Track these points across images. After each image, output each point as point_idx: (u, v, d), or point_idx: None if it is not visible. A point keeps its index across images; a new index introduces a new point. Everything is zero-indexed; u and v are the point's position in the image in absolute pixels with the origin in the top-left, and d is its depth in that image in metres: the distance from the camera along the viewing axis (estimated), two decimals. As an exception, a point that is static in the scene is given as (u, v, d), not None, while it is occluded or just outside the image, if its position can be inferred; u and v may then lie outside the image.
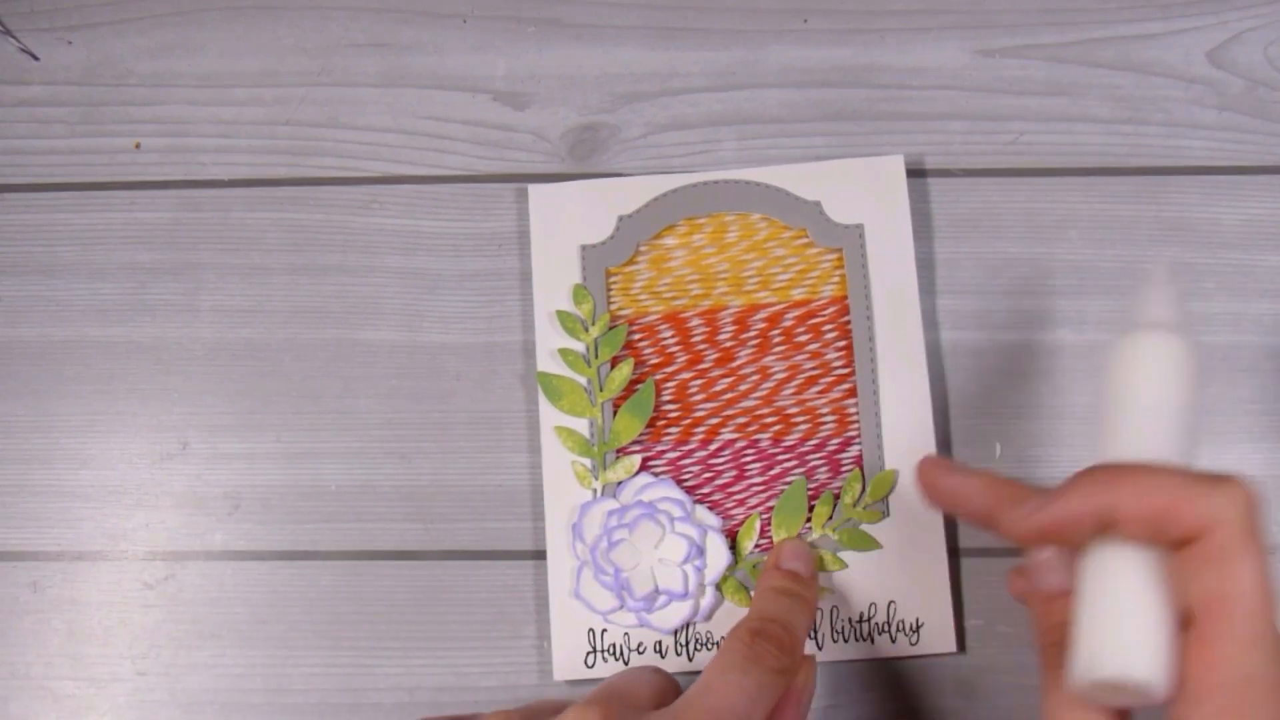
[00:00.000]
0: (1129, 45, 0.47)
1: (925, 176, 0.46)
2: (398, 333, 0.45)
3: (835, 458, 0.43)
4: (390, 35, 0.48)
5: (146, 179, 0.47)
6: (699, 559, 0.42)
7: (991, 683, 0.42)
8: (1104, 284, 0.45)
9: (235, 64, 0.48)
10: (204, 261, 0.46)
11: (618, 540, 0.42)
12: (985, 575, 0.43)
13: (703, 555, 0.42)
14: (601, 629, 0.42)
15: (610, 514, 0.42)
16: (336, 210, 0.46)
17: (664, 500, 0.42)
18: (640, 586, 0.41)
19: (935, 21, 0.48)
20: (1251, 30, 0.47)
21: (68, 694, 0.43)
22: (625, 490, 0.43)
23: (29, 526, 0.44)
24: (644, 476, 0.43)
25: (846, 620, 0.42)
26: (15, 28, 0.48)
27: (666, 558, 0.42)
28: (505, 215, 0.46)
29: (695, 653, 0.42)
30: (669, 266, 0.45)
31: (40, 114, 0.47)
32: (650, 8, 0.48)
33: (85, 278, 0.46)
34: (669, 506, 0.42)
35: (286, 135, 0.47)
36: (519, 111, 0.47)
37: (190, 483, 0.44)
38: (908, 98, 0.47)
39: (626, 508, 0.42)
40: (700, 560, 0.42)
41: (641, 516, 0.42)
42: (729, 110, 0.47)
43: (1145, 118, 0.47)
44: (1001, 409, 0.44)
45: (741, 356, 0.44)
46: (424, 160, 0.47)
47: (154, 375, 0.45)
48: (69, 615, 0.43)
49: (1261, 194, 0.46)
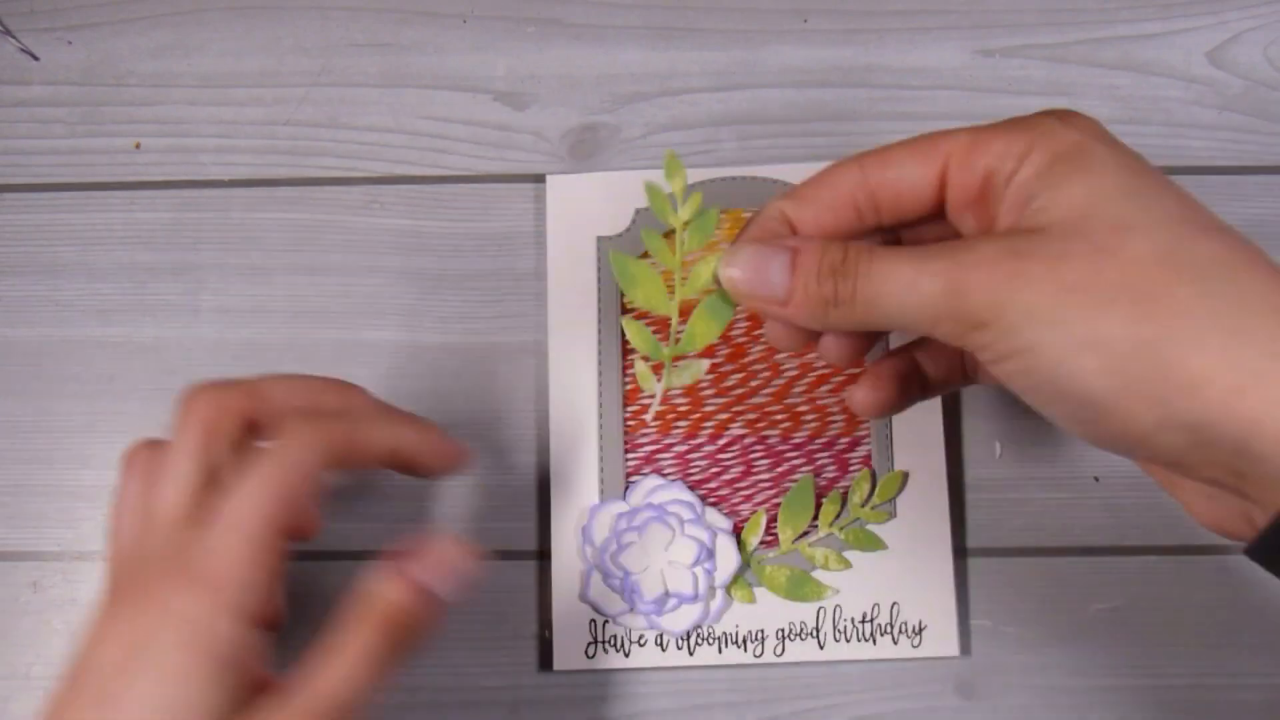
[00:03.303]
0: (1129, 45, 0.47)
1: (925, 176, 0.46)
2: (398, 333, 0.45)
3: (843, 456, 0.43)
4: (391, 35, 0.48)
5: (146, 179, 0.47)
6: (709, 561, 0.42)
7: (992, 684, 0.42)
8: (1104, 284, 0.45)
9: (235, 64, 0.48)
10: (204, 261, 0.46)
11: (627, 543, 0.42)
12: (989, 575, 0.43)
13: (713, 558, 0.42)
14: (603, 621, 0.42)
15: (620, 517, 0.42)
16: (337, 210, 0.46)
17: (674, 503, 0.42)
18: (650, 590, 0.41)
19: (935, 21, 0.48)
20: (1251, 30, 0.47)
21: (68, 694, 0.43)
22: (635, 493, 0.43)
23: (29, 526, 0.44)
24: (654, 479, 0.43)
25: (849, 620, 0.42)
26: (15, 28, 0.48)
27: (676, 560, 0.42)
28: (506, 215, 0.46)
29: (696, 647, 0.42)
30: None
31: (40, 114, 0.47)
32: (650, 8, 0.48)
33: (85, 278, 0.46)
34: (679, 509, 0.42)
35: (287, 135, 0.47)
36: (519, 111, 0.47)
37: (190, 483, 0.44)
38: (908, 98, 0.47)
39: (636, 510, 0.42)
40: (710, 563, 0.42)
41: (651, 519, 0.42)
42: (729, 110, 0.47)
43: (1145, 118, 0.47)
44: (1003, 408, 0.44)
45: (753, 353, 0.44)
46: (424, 160, 0.47)
47: (154, 375, 0.45)
48: (69, 615, 0.43)
49: (1261, 194, 0.46)
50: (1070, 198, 0.30)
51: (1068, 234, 0.29)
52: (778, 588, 0.42)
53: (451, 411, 0.44)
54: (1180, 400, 0.27)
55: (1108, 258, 0.28)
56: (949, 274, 0.30)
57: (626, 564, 0.42)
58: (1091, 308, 0.28)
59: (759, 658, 0.42)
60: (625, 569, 0.41)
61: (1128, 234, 0.29)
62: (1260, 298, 0.28)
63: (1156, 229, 0.29)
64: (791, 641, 0.42)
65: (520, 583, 0.43)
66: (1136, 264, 0.28)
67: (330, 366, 0.45)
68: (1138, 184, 0.30)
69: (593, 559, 0.42)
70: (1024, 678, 0.42)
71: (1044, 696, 0.42)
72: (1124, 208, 0.29)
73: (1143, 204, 0.29)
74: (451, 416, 0.44)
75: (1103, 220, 0.29)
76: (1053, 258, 0.29)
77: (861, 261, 0.32)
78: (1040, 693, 0.42)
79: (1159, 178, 0.30)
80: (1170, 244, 0.28)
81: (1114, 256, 0.28)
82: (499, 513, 0.44)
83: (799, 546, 0.43)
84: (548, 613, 0.42)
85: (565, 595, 0.42)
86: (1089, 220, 0.29)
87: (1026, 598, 0.43)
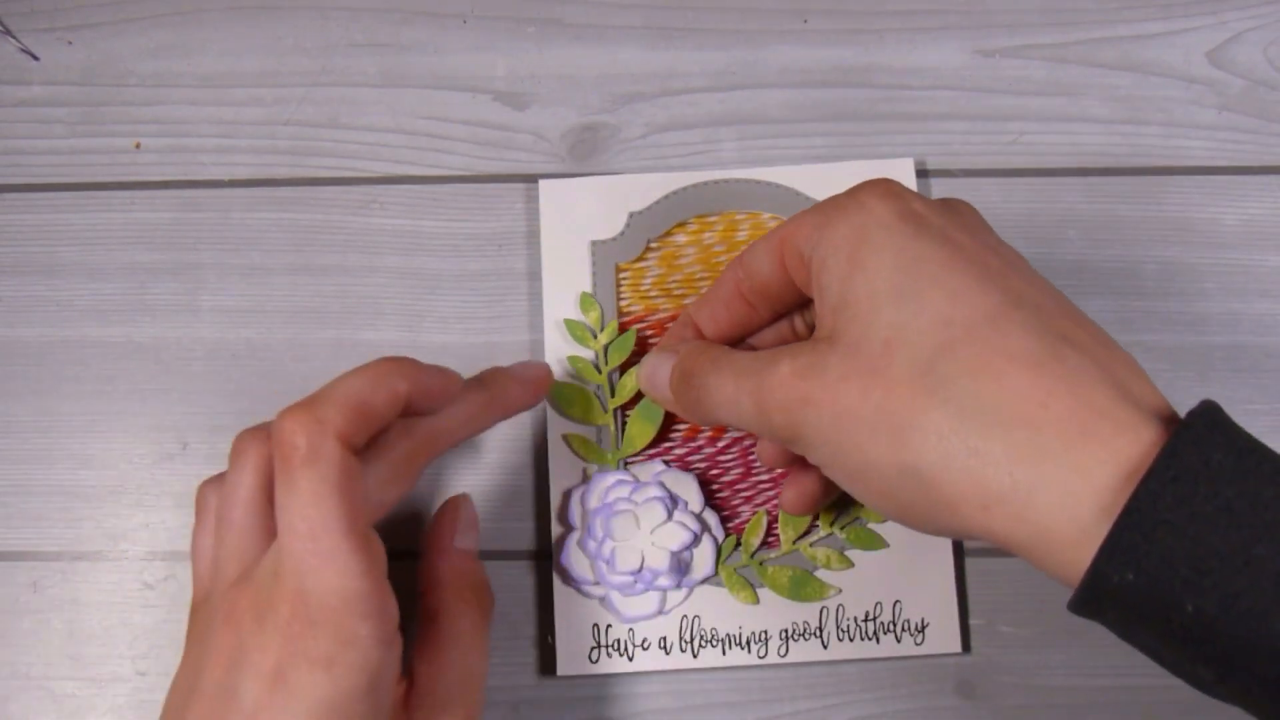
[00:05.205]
0: (1129, 45, 0.47)
1: (926, 177, 0.46)
2: (398, 333, 0.45)
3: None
4: (390, 35, 0.48)
5: (146, 179, 0.47)
6: (690, 556, 0.42)
7: (993, 683, 0.42)
8: (1104, 284, 0.45)
9: (235, 64, 0.48)
10: (204, 261, 0.46)
11: (621, 511, 0.41)
12: (990, 574, 0.43)
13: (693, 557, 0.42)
14: (606, 624, 0.42)
15: (621, 483, 0.42)
16: (336, 210, 0.46)
17: (680, 488, 0.42)
18: (624, 562, 0.41)
19: (935, 21, 0.48)
20: (1251, 30, 0.47)
21: (68, 694, 0.43)
22: (643, 469, 0.43)
23: (29, 526, 0.44)
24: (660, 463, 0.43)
25: (851, 619, 0.42)
26: (15, 28, 0.48)
27: (661, 543, 0.41)
28: (506, 215, 0.46)
29: (700, 649, 0.42)
30: (680, 264, 0.45)
31: (40, 114, 0.47)
32: (650, 8, 0.48)
33: (85, 278, 0.46)
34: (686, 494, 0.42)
35: (287, 135, 0.47)
36: (519, 111, 0.47)
37: (190, 483, 0.44)
38: (908, 98, 0.47)
39: (640, 485, 0.42)
40: (690, 556, 0.42)
41: (653, 498, 0.42)
42: (729, 110, 0.47)
43: (1145, 118, 0.47)
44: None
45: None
46: (424, 160, 0.47)
47: (154, 375, 0.45)
48: (69, 615, 0.43)
49: (1261, 194, 0.46)
50: (855, 302, 0.32)
51: (848, 351, 0.31)
52: (780, 588, 0.42)
53: (452, 411, 0.44)
54: (945, 517, 0.30)
55: (876, 380, 0.30)
56: (755, 395, 0.33)
57: (613, 529, 0.41)
58: (863, 435, 0.30)
59: (763, 659, 0.42)
60: (606, 534, 0.41)
61: (895, 352, 0.30)
62: (1002, 410, 0.29)
63: (920, 340, 0.30)
64: (795, 642, 0.42)
65: (519, 583, 0.43)
66: (898, 388, 0.30)
67: (330, 366, 0.45)
68: (909, 282, 0.31)
69: (577, 522, 0.42)
70: (1024, 678, 0.42)
71: (1044, 696, 0.42)
72: (895, 316, 0.31)
73: (912, 310, 0.31)
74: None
75: (876, 334, 0.31)
76: (833, 381, 0.31)
77: (697, 374, 0.35)
78: (1040, 693, 0.42)
79: (933, 265, 0.31)
80: (930, 359, 0.30)
81: (881, 378, 0.30)
82: (498, 513, 0.44)
83: (800, 547, 0.43)
84: (549, 615, 0.42)
85: (567, 599, 0.42)
86: (866, 334, 0.31)
87: (1026, 597, 0.43)
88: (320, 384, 0.44)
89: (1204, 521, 0.26)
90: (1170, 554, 0.26)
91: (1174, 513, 0.26)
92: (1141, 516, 0.26)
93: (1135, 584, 0.26)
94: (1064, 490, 0.28)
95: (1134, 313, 0.45)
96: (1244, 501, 0.26)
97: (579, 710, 0.42)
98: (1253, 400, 0.44)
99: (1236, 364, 0.44)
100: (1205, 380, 0.44)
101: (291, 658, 0.31)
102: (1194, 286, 0.45)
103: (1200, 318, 0.45)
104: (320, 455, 0.31)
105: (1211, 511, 0.26)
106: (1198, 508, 0.26)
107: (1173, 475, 0.26)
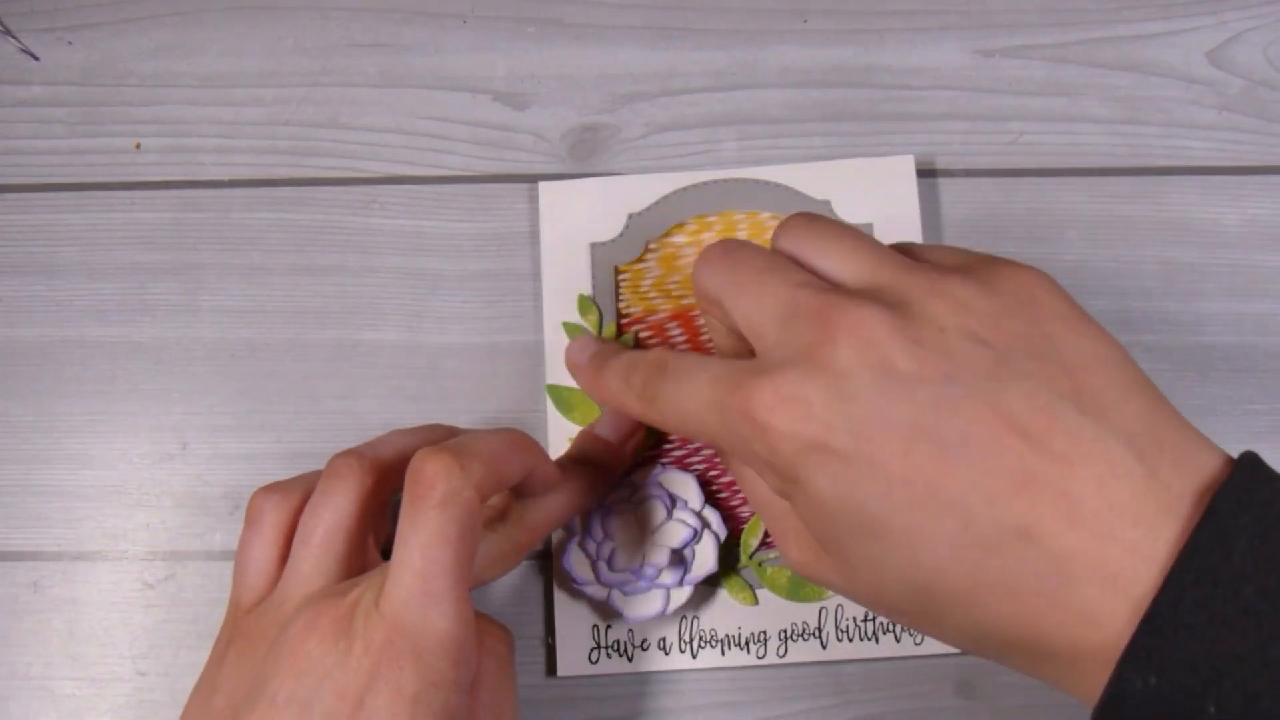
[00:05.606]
0: (1129, 45, 0.47)
1: (926, 177, 0.46)
2: (398, 333, 0.45)
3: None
4: (390, 35, 0.48)
5: (146, 179, 0.47)
6: (691, 554, 0.42)
7: (993, 683, 0.42)
8: (1104, 284, 0.45)
9: (235, 64, 0.48)
10: (204, 261, 0.46)
11: (622, 510, 0.41)
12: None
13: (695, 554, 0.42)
14: (606, 625, 0.42)
15: (620, 484, 0.42)
16: (337, 210, 0.46)
17: (679, 488, 0.42)
18: (624, 560, 0.41)
19: (935, 21, 0.48)
20: (1251, 30, 0.47)
21: (68, 694, 0.43)
22: (642, 470, 0.43)
23: (29, 526, 0.44)
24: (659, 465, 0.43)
25: (851, 619, 0.42)
26: (15, 28, 0.48)
27: (662, 541, 0.41)
28: (506, 215, 0.46)
29: (699, 650, 0.42)
30: (679, 264, 0.45)
31: (40, 114, 0.47)
32: (650, 8, 0.48)
33: (85, 278, 0.46)
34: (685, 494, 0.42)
35: (287, 135, 0.47)
36: (519, 111, 0.47)
37: (190, 483, 0.44)
38: (908, 98, 0.47)
39: (639, 485, 0.42)
40: (691, 554, 0.42)
41: (652, 497, 0.42)
42: (729, 110, 0.47)
43: (1145, 118, 0.47)
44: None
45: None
46: (424, 160, 0.47)
47: (154, 375, 0.45)
48: (69, 615, 0.43)
49: (1261, 194, 0.46)
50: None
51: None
52: (779, 589, 0.42)
53: (451, 412, 0.44)
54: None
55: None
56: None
57: (613, 529, 0.41)
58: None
59: (762, 659, 0.42)
60: (606, 533, 0.41)
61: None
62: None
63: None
64: (794, 642, 0.42)
65: (519, 583, 0.43)
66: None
67: (330, 367, 0.45)
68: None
69: (577, 522, 0.42)
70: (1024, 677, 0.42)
71: (1044, 696, 0.42)
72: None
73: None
74: (451, 417, 0.44)
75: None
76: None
77: (655, 379, 0.35)
78: (1040, 692, 0.42)
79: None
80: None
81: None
82: (499, 513, 0.44)
83: (799, 546, 0.42)
84: (550, 617, 0.42)
85: (567, 601, 0.42)
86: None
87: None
88: (320, 384, 0.45)
89: (1223, 624, 0.26)
90: (1192, 657, 0.26)
91: (1194, 615, 0.26)
92: (1163, 622, 0.27)
93: (1159, 688, 0.26)
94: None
95: (1134, 313, 0.45)
96: (1264, 601, 0.26)
97: (579, 710, 0.42)
98: (1253, 400, 0.44)
99: (1236, 364, 0.44)
100: (1205, 380, 0.44)
101: (378, 684, 0.30)
102: (1194, 286, 0.45)
103: (1200, 318, 0.45)
104: (456, 501, 0.31)
105: (1231, 614, 0.26)
106: (1217, 610, 0.26)
107: (1193, 579, 0.27)
